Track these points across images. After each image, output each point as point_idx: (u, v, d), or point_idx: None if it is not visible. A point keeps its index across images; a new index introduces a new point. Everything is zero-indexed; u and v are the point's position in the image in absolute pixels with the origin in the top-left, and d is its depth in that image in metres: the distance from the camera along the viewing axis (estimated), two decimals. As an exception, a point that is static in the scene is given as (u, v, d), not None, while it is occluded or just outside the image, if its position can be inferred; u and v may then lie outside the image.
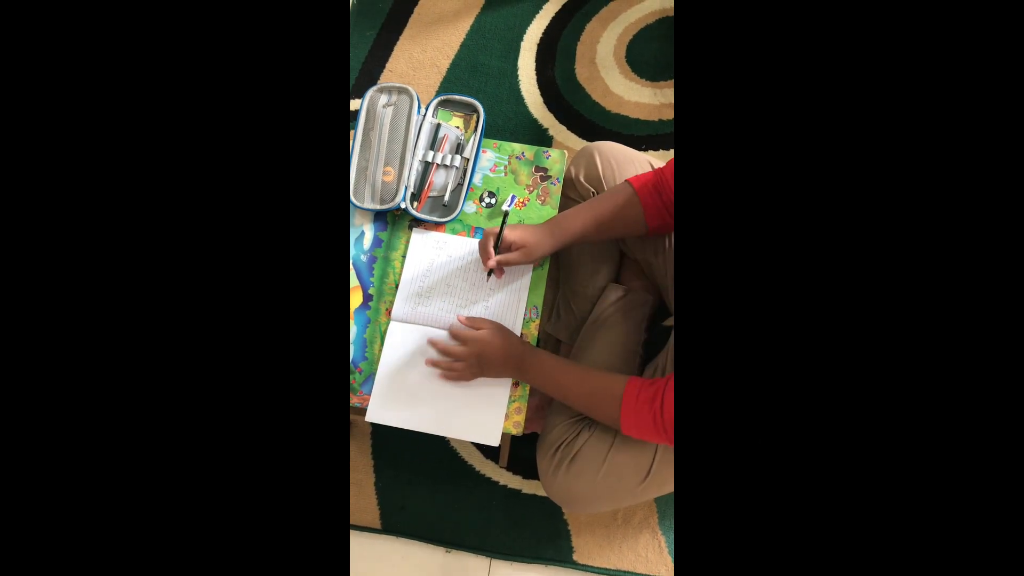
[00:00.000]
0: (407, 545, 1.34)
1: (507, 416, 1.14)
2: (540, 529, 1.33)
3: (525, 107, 1.64)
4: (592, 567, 1.31)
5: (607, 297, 1.31)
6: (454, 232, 1.26)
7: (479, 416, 1.13)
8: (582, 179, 1.29)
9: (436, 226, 1.26)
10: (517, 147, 1.31)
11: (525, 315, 1.20)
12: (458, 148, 1.28)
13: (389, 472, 1.38)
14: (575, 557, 1.32)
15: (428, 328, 1.18)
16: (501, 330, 1.14)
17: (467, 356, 1.12)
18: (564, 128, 1.62)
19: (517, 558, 1.32)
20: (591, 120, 1.62)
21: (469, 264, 1.23)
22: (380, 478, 1.37)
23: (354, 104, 1.65)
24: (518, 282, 1.22)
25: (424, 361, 1.16)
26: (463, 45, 1.71)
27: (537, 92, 1.66)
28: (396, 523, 1.34)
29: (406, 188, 1.25)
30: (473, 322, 1.15)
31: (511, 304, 1.20)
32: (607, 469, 1.10)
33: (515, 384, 1.16)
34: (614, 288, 1.32)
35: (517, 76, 1.67)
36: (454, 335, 1.15)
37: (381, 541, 1.34)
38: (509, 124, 1.63)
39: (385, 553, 1.33)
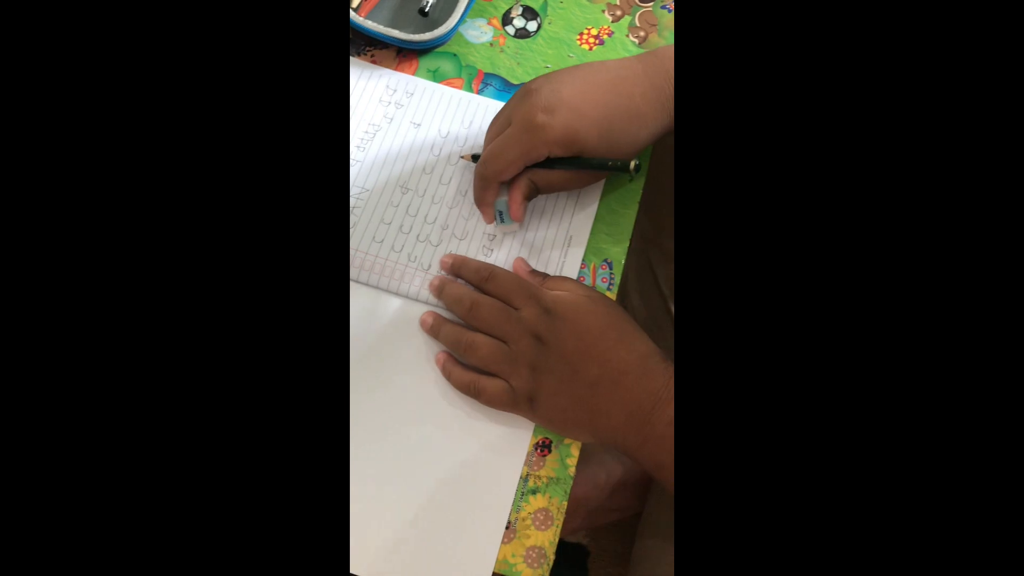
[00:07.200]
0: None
1: (514, 530, 0.46)
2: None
3: None
4: None
5: None
6: (436, 78, 0.58)
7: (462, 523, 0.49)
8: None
9: (400, 55, 0.57)
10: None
11: (581, 278, 0.52)
12: None
13: None
14: None
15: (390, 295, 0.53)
16: (596, 296, 0.52)
17: (517, 337, 0.50)
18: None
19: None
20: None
21: (461, 151, 0.55)
22: None
23: None
24: (572, 208, 0.55)
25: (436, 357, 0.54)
26: None
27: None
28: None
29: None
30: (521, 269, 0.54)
31: (551, 252, 0.52)
32: None
33: (541, 449, 0.47)
34: None
35: None
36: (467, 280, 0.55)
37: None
38: None
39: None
